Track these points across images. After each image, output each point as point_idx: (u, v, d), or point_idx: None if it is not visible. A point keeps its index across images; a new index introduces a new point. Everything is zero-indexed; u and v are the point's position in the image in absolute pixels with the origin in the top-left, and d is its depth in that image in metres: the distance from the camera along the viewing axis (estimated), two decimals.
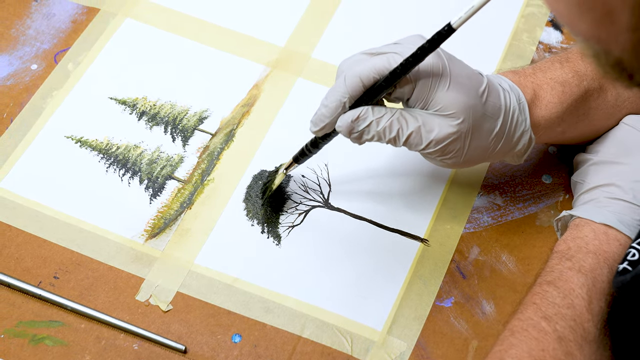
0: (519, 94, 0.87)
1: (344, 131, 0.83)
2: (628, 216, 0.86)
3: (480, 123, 0.83)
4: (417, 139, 0.82)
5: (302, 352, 0.88)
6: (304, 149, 0.90)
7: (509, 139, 0.87)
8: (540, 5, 1.13)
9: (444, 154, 0.84)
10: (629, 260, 0.77)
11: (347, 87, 0.81)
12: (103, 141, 1.01)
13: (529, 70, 0.91)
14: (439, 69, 0.81)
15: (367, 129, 0.82)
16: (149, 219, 0.96)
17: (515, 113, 0.86)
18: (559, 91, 0.89)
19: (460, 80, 0.82)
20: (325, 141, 0.88)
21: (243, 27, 1.11)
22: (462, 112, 0.82)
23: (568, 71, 0.90)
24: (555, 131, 0.91)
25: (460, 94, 0.81)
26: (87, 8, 1.12)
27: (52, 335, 0.88)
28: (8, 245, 0.93)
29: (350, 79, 0.81)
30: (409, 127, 0.82)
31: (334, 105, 0.82)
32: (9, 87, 1.04)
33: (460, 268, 0.94)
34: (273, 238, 0.94)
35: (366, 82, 0.81)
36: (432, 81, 0.81)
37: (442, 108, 0.82)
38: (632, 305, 0.76)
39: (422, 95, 0.81)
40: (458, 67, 0.82)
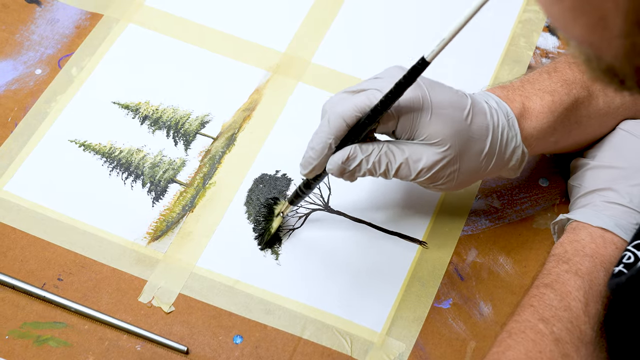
0: (507, 110, 0.86)
1: (336, 173, 0.83)
2: (624, 220, 0.86)
3: (467, 146, 0.83)
4: (406, 170, 0.83)
5: (302, 352, 0.88)
6: (297, 191, 0.90)
7: (500, 156, 0.86)
8: (537, 11, 1.13)
9: (436, 180, 0.84)
10: (624, 263, 0.77)
11: (331, 128, 0.81)
12: (106, 145, 1.01)
13: (517, 83, 0.91)
14: (419, 101, 0.81)
15: (358, 167, 0.82)
16: (151, 222, 0.96)
17: (505, 130, 0.85)
18: (548, 101, 0.89)
19: (442, 107, 0.81)
20: (316, 182, 0.88)
21: (244, 33, 1.11)
22: (447, 139, 0.81)
23: (556, 81, 0.90)
24: (549, 141, 0.90)
25: (443, 122, 0.81)
26: (91, 14, 1.12)
27: (56, 336, 0.88)
28: (12, 247, 0.93)
29: (333, 120, 0.81)
30: (397, 160, 0.82)
31: (320, 147, 0.82)
32: (14, 91, 1.04)
33: (458, 270, 0.94)
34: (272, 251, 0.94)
35: (349, 121, 0.81)
36: (413, 114, 0.81)
37: (427, 137, 0.81)
38: (628, 307, 0.76)
39: (406, 128, 0.81)
40: (440, 94, 0.82)
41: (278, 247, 0.94)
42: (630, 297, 0.74)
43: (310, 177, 0.86)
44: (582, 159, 0.94)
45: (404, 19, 1.13)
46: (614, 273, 0.77)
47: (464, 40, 0.88)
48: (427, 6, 1.14)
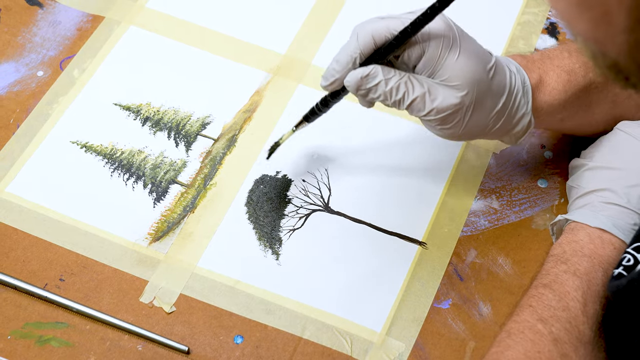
0: (524, 76, 0.87)
1: (352, 87, 0.83)
2: (622, 220, 0.86)
3: (483, 98, 0.83)
4: (420, 105, 0.83)
5: (302, 352, 0.88)
6: (314, 108, 0.90)
7: (509, 118, 0.87)
8: (536, 13, 1.14)
9: (444, 123, 0.84)
10: (624, 265, 0.77)
11: (359, 44, 0.82)
12: (108, 146, 1.01)
13: (537, 56, 0.91)
14: (449, 39, 0.81)
15: (375, 87, 0.82)
16: (152, 223, 0.96)
17: (519, 94, 0.86)
18: (564, 79, 0.89)
19: (469, 53, 0.82)
20: (335, 100, 0.88)
21: (245, 35, 1.11)
22: (467, 84, 0.82)
23: (575, 61, 0.90)
24: (556, 118, 0.91)
25: (467, 67, 0.81)
26: (92, 16, 1.12)
27: (58, 337, 0.88)
28: (15, 248, 0.93)
29: (362, 36, 0.82)
30: (415, 92, 0.82)
31: (345, 60, 0.83)
32: (16, 93, 1.05)
33: (457, 270, 0.94)
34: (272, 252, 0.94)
35: (378, 40, 0.81)
36: (442, 49, 0.81)
37: (449, 78, 0.82)
38: (627, 309, 0.76)
39: (430, 63, 0.82)
40: (469, 42, 0.83)
41: (279, 248, 0.94)
42: (630, 299, 0.74)
43: (329, 89, 0.86)
44: (581, 160, 0.94)
45: None
46: (614, 275, 0.77)
47: None
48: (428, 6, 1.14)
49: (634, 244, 0.78)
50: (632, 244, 0.78)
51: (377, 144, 1.02)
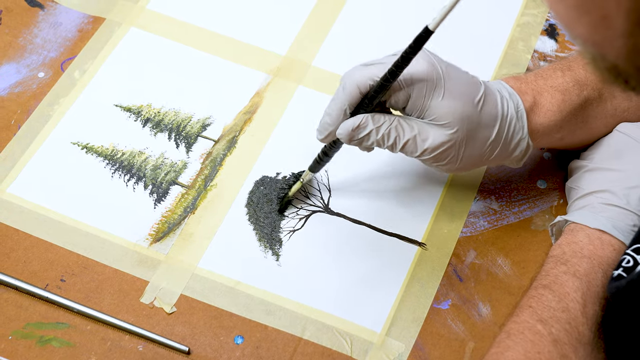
0: (517, 101, 0.87)
1: (345, 138, 0.84)
2: (622, 222, 0.86)
3: (475, 132, 0.84)
4: (412, 147, 0.84)
5: (302, 353, 0.88)
6: (316, 159, 0.92)
7: (505, 146, 0.87)
8: (535, 14, 1.14)
9: (439, 160, 0.85)
10: (623, 267, 0.77)
11: (345, 95, 0.83)
12: (108, 147, 1.01)
13: (530, 77, 0.91)
14: (432, 79, 0.82)
15: (367, 136, 0.84)
16: (153, 224, 0.96)
17: (513, 121, 0.86)
18: (558, 99, 0.89)
19: (455, 90, 0.82)
20: (334, 149, 0.89)
21: (245, 36, 1.11)
22: (456, 122, 0.82)
23: (569, 80, 0.90)
24: (554, 137, 0.91)
25: (454, 104, 0.82)
26: (93, 17, 1.12)
27: (59, 337, 0.88)
28: (16, 248, 0.93)
29: (348, 86, 0.83)
30: (406, 136, 0.83)
31: (335, 113, 0.84)
32: (17, 94, 1.05)
33: (457, 271, 0.94)
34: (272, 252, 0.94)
35: (363, 89, 0.82)
36: (426, 90, 0.82)
37: (437, 118, 0.82)
38: (627, 310, 0.76)
39: (417, 105, 0.82)
40: (454, 76, 0.83)
41: (279, 248, 0.94)
42: (630, 301, 0.74)
43: (325, 142, 0.88)
44: (580, 161, 0.94)
45: (403, 23, 1.13)
46: (613, 277, 0.77)
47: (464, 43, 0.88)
48: (427, 10, 1.14)
49: (633, 245, 0.78)
50: (632, 246, 0.78)
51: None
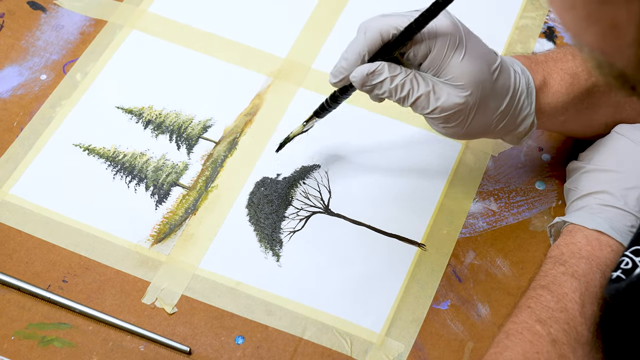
0: (528, 78, 0.87)
1: (358, 82, 0.83)
2: (619, 222, 0.86)
3: (487, 99, 0.83)
4: (424, 103, 0.83)
5: (303, 353, 0.88)
6: (324, 104, 0.90)
7: (512, 119, 0.87)
8: (533, 17, 1.14)
9: (447, 121, 0.84)
10: (622, 269, 0.77)
11: (366, 40, 0.82)
12: (110, 149, 1.01)
13: (541, 57, 0.91)
14: (455, 38, 0.81)
15: (380, 84, 0.82)
16: (154, 225, 0.96)
17: (523, 95, 0.86)
18: (567, 82, 0.89)
19: (474, 54, 0.82)
20: (344, 96, 0.88)
21: (246, 39, 1.11)
22: (471, 85, 0.82)
23: (579, 64, 0.90)
24: (558, 120, 0.91)
25: (472, 67, 0.81)
26: (95, 20, 1.12)
27: (61, 337, 0.88)
28: (18, 249, 0.93)
29: (370, 32, 0.82)
30: (419, 90, 0.82)
31: (353, 57, 0.83)
32: (19, 96, 1.05)
33: (456, 272, 0.94)
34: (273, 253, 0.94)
35: (385, 36, 0.81)
36: (447, 49, 0.81)
37: (453, 78, 0.82)
38: (627, 312, 0.76)
39: (435, 62, 0.82)
40: (474, 42, 0.83)
41: (279, 249, 0.94)
42: (629, 302, 0.74)
43: (337, 86, 0.86)
44: (578, 163, 0.94)
45: None
46: (612, 279, 0.77)
47: None
48: None
49: (631, 247, 0.78)
50: (630, 248, 0.78)
51: (377, 147, 1.02)
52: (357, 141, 1.02)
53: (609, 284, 0.77)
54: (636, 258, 0.77)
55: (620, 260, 0.77)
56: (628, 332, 0.76)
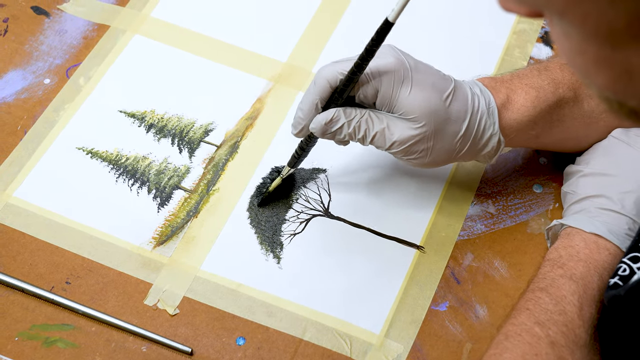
0: (489, 98, 0.87)
1: (318, 132, 0.85)
2: (617, 226, 0.86)
3: (444, 126, 0.84)
4: (381, 140, 0.84)
5: (303, 354, 0.88)
6: (294, 154, 0.92)
7: (476, 141, 0.87)
8: (531, 22, 1.14)
9: (408, 154, 0.85)
10: (620, 275, 0.77)
11: (316, 89, 0.84)
12: (113, 152, 1.01)
13: (507, 76, 0.91)
14: (400, 74, 0.82)
15: (340, 129, 0.84)
16: (156, 227, 0.96)
17: (483, 117, 0.86)
18: (532, 96, 0.89)
19: (423, 85, 0.83)
20: (310, 143, 0.90)
21: (247, 44, 1.11)
22: (423, 116, 0.83)
23: (545, 78, 0.90)
24: (529, 134, 0.91)
25: (421, 100, 0.82)
26: (98, 25, 1.12)
27: (64, 338, 0.88)
28: (22, 251, 0.93)
29: (319, 81, 0.84)
30: (375, 128, 0.84)
31: (307, 107, 0.85)
32: (23, 100, 1.05)
33: (454, 274, 0.94)
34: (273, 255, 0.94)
35: (332, 83, 0.83)
36: (394, 83, 0.82)
37: (405, 112, 0.83)
38: (624, 318, 0.76)
39: (385, 99, 0.83)
40: (422, 72, 0.83)
41: (280, 252, 0.94)
42: (627, 309, 0.74)
43: (300, 136, 0.88)
44: (575, 166, 0.94)
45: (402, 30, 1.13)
46: (610, 285, 0.77)
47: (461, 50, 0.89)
48: (425, 16, 1.14)
49: (629, 254, 0.78)
50: (628, 254, 0.78)
51: (376, 151, 1.02)
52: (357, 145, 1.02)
53: (607, 290, 0.77)
54: (634, 265, 0.77)
55: (618, 267, 0.77)
56: (625, 337, 0.76)
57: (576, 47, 0.50)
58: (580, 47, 0.49)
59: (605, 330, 0.80)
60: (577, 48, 0.50)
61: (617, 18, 0.45)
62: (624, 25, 0.45)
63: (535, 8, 0.49)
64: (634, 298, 0.73)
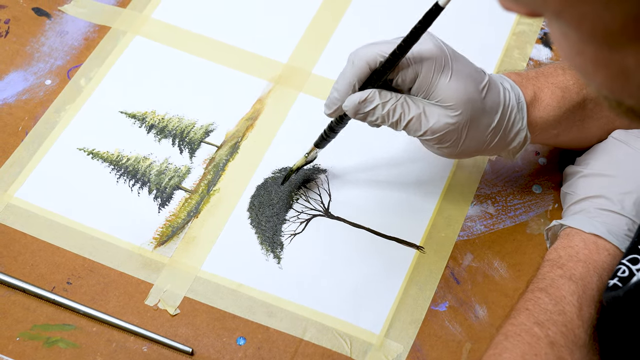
0: (519, 93, 0.87)
1: (351, 111, 0.83)
2: (616, 226, 0.86)
3: (478, 117, 0.84)
4: (416, 125, 0.83)
5: (303, 354, 0.88)
6: (322, 135, 0.91)
7: (505, 135, 0.87)
8: (530, 23, 1.14)
9: (441, 142, 0.84)
10: (619, 277, 0.77)
11: (355, 70, 0.83)
12: (114, 153, 1.01)
13: (532, 73, 0.91)
14: (441, 61, 0.81)
15: (373, 111, 0.83)
16: (157, 227, 0.96)
17: (513, 111, 0.86)
18: (558, 95, 0.89)
19: (461, 74, 0.82)
20: (340, 125, 0.88)
21: (247, 45, 1.11)
22: (461, 104, 0.82)
23: (570, 78, 0.90)
24: (550, 133, 0.91)
25: (460, 88, 0.82)
26: (99, 26, 1.12)
27: (65, 338, 0.88)
28: (23, 252, 0.93)
29: (357, 62, 0.82)
30: (410, 113, 0.82)
31: (344, 88, 0.83)
32: (24, 101, 1.05)
33: (454, 274, 0.94)
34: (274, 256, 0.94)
35: (372, 64, 0.82)
36: (434, 72, 0.81)
37: (443, 99, 0.82)
38: (624, 319, 0.76)
39: (424, 85, 0.82)
40: (461, 62, 0.83)
41: (280, 252, 0.94)
42: (626, 310, 0.74)
43: (333, 116, 0.87)
44: (575, 167, 0.94)
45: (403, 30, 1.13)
46: (609, 286, 0.77)
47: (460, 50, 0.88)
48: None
49: (628, 255, 0.78)
50: (627, 256, 0.78)
51: (376, 152, 1.02)
52: (357, 145, 1.02)
53: (606, 292, 0.77)
54: (633, 266, 0.77)
55: (617, 269, 0.77)
56: (624, 337, 0.76)
57: (574, 47, 0.50)
58: (578, 47, 0.49)
59: (604, 330, 0.80)
60: (575, 48, 0.50)
61: (612, 20, 0.45)
62: (619, 27, 0.46)
63: (533, 8, 0.50)
64: (633, 300, 0.73)
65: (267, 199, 0.98)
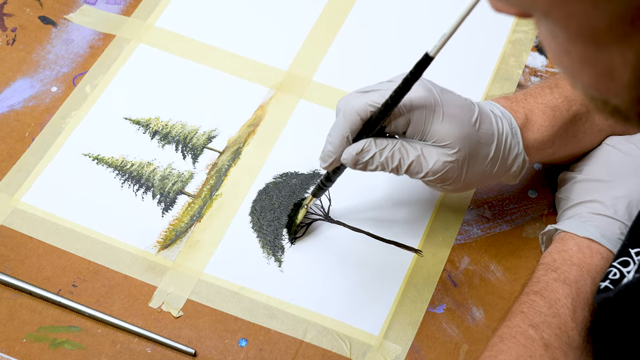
0: (510, 119, 0.87)
1: (349, 163, 0.83)
2: (609, 231, 0.86)
3: (475, 150, 0.83)
4: (417, 168, 0.82)
5: (304, 355, 0.89)
6: (319, 185, 0.90)
7: (503, 162, 0.86)
8: (526, 31, 1.14)
9: (444, 181, 0.84)
10: (610, 279, 0.77)
11: (346, 123, 0.81)
12: (118, 158, 1.02)
13: (520, 96, 0.91)
14: (431, 103, 0.81)
15: (371, 160, 0.82)
16: (161, 231, 0.96)
17: (508, 138, 0.85)
18: (549, 115, 0.89)
19: (452, 111, 0.81)
20: (336, 174, 0.88)
21: (249, 53, 1.12)
22: (457, 142, 0.81)
23: (558, 96, 0.90)
24: (547, 152, 0.91)
25: (454, 125, 0.81)
26: (104, 34, 1.12)
27: (71, 340, 0.88)
28: (30, 255, 0.94)
29: (348, 114, 0.81)
30: (410, 157, 0.82)
31: (338, 141, 0.82)
32: (31, 108, 1.05)
33: (451, 277, 0.94)
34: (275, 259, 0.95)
35: (363, 115, 0.81)
36: (425, 115, 0.81)
37: (438, 140, 0.81)
38: (615, 320, 0.76)
39: (418, 129, 0.81)
40: (450, 99, 0.82)
41: (281, 255, 0.95)
42: (617, 312, 0.74)
43: (329, 169, 0.86)
44: (570, 173, 0.94)
45: (402, 39, 1.14)
46: (600, 288, 0.77)
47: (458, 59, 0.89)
48: (425, 25, 1.15)
49: (619, 258, 0.78)
50: (618, 258, 0.78)
51: None
52: None
53: (597, 294, 0.77)
54: (623, 269, 0.77)
55: (609, 271, 0.78)
56: (616, 339, 0.77)
57: (562, 47, 0.50)
58: (566, 47, 0.49)
59: (598, 332, 0.80)
60: (562, 48, 0.50)
61: (599, 19, 0.46)
62: (606, 26, 0.46)
63: (522, 9, 0.50)
64: (624, 301, 0.73)
65: (269, 203, 0.98)
